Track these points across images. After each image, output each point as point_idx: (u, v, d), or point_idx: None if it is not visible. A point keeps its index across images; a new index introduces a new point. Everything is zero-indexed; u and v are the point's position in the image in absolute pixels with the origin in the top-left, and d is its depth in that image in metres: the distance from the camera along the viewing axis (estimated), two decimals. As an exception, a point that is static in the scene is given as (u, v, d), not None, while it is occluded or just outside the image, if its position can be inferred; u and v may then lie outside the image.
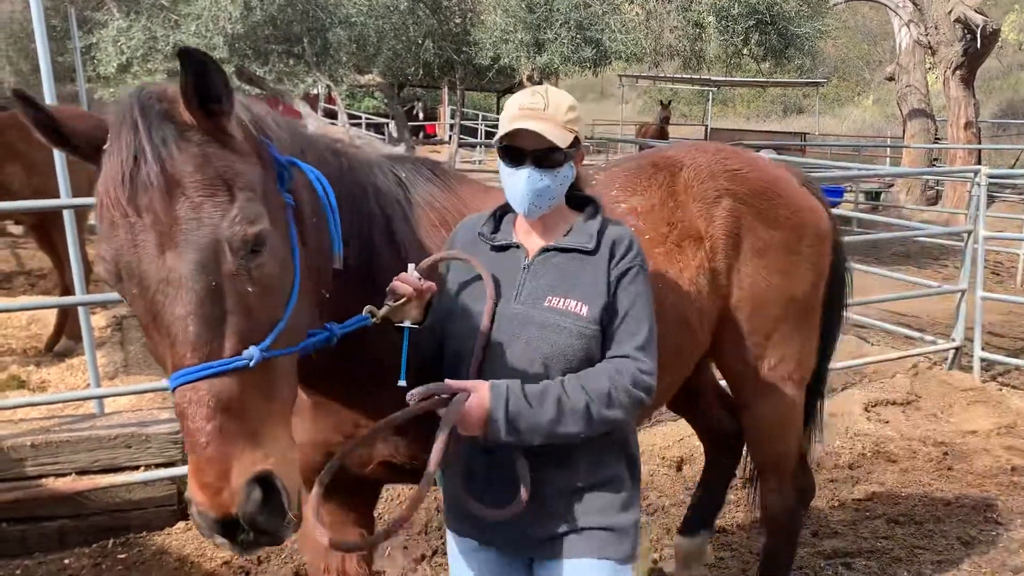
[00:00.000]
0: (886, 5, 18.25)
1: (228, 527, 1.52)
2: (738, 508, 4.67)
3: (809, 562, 4.15)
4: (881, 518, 4.61)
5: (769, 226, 2.91)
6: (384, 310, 1.95)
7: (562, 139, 2.01)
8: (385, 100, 16.20)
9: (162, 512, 4.38)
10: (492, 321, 2.02)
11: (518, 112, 2.02)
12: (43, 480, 4.20)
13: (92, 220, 1.77)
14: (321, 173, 1.98)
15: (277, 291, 1.68)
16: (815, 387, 3.53)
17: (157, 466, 4.38)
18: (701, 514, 3.84)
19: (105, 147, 1.63)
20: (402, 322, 1.97)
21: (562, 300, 2.02)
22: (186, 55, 1.52)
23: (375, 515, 2.73)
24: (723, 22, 10.53)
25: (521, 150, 2.02)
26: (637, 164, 3.00)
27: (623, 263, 2.05)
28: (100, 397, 4.57)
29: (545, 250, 2.09)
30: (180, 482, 4.55)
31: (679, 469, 5.10)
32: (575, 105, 2.07)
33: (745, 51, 11.53)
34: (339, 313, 2.01)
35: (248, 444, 1.54)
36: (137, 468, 4.35)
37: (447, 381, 1.91)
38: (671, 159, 2.98)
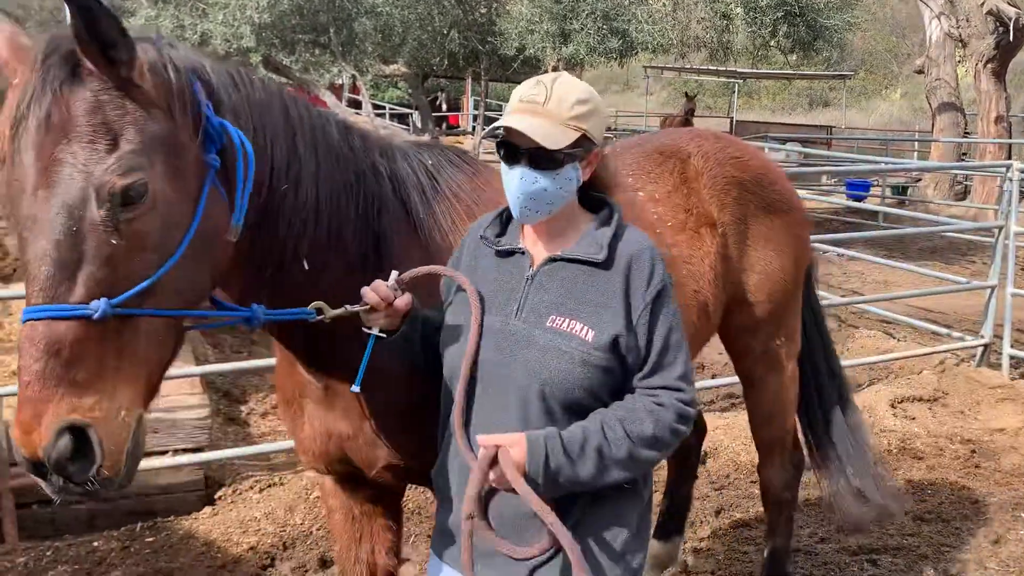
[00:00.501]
0: (916, -4, 18.02)
1: (39, 467, 1.52)
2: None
3: (834, 558, 4.13)
4: (907, 515, 4.56)
5: (769, 212, 3.02)
6: (338, 312, 1.90)
7: (559, 138, 1.78)
8: (409, 90, 16.23)
9: (189, 497, 4.43)
10: (479, 342, 1.86)
11: (517, 104, 1.83)
12: (20, 458, 4.24)
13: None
14: (302, 144, 1.93)
15: (149, 249, 1.62)
16: (840, 390, 3.63)
17: (184, 451, 4.43)
18: (672, 520, 3.92)
19: (13, 81, 1.64)
20: (370, 328, 1.91)
21: (567, 321, 1.81)
22: (70, 1, 1.49)
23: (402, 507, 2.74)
24: (751, 13, 10.46)
25: (515, 147, 1.81)
26: (642, 151, 3.00)
27: (653, 285, 1.84)
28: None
29: (552, 260, 1.88)
30: (207, 467, 4.60)
31: (703, 463, 5.08)
32: (587, 98, 1.83)
33: (773, 43, 11.46)
34: (337, 296, 1.94)
35: (73, 392, 1.51)
36: (165, 453, 4.40)
37: (480, 437, 1.77)
38: (676, 147, 3.00)
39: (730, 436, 5.41)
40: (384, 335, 1.93)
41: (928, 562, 4.12)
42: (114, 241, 1.57)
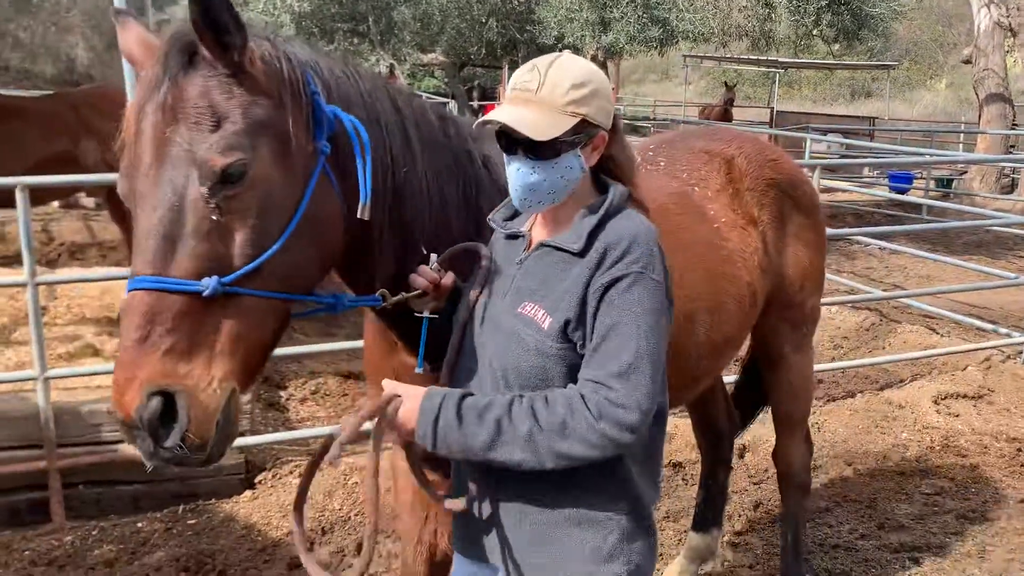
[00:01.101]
0: (964, -15, 17.62)
1: (131, 429, 1.58)
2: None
3: (875, 555, 4.08)
4: (950, 513, 4.50)
5: (800, 210, 3.24)
6: (397, 298, 1.94)
7: (553, 127, 1.71)
8: (446, 79, 16.23)
9: (230, 480, 4.49)
10: (471, 315, 1.88)
11: (510, 94, 1.77)
12: (118, 445, 4.32)
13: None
14: (385, 126, 1.98)
15: (252, 228, 1.68)
16: None
17: (226, 435, 4.48)
18: (709, 512, 3.94)
19: (142, 73, 1.76)
20: (421, 312, 1.95)
21: (534, 307, 1.77)
22: None
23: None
24: (794, 2, 10.30)
25: (511, 138, 1.75)
26: (689, 149, 3.17)
27: (613, 271, 1.70)
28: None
29: (542, 245, 1.84)
30: (248, 451, 4.66)
31: (741, 456, 5.04)
32: (584, 80, 1.74)
33: (816, 32, 11.28)
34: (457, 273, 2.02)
35: (168, 360, 1.57)
36: (207, 437, 4.46)
37: (387, 383, 1.79)
38: (719, 148, 3.18)
39: (768, 428, 5.33)
40: (436, 316, 1.96)
41: (972, 561, 4.06)
42: (215, 218, 1.64)
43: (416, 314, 1.95)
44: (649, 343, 1.68)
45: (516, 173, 1.78)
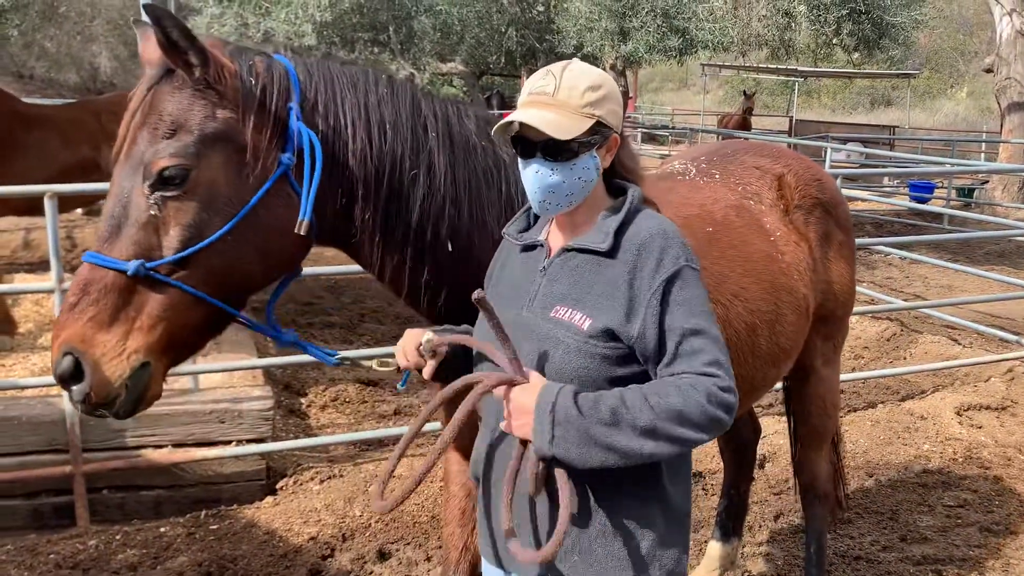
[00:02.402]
0: (986, -7, 17.51)
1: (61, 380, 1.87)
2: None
3: (897, 568, 4.05)
4: (974, 526, 4.46)
5: (841, 228, 3.32)
6: (375, 362, 2.15)
7: (572, 128, 1.74)
8: (465, 88, 16.29)
9: (252, 486, 4.52)
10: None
11: (527, 98, 1.79)
12: (141, 451, 4.37)
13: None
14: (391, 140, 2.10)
15: (186, 227, 1.89)
16: None
17: (248, 441, 4.52)
18: (731, 521, 3.93)
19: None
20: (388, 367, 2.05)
21: (568, 311, 1.78)
22: (147, 11, 1.86)
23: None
24: (814, 11, 10.28)
25: (530, 141, 1.78)
26: (741, 163, 3.21)
27: (665, 268, 1.74)
28: (195, 373, 4.72)
29: (565, 250, 1.85)
30: (269, 457, 4.69)
31: (762, 467, 5.02)
32: (599, 84, 1.79)
33: (836, 41, 11.25)
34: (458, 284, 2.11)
35: (89, 327, 1.84)
36: (229, 443, 4.49)
37: (492, 374, 1.76)
38: (768, 165, 3.23)
39: (787, 439, 5.33)
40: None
41: (995, 574, 4.02)
42: (152, 213, 1.88)
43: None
44: (717, 329, 1.77)
45: (535, 175, 1.79)
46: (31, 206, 6.03)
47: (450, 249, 2.15)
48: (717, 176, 3.07)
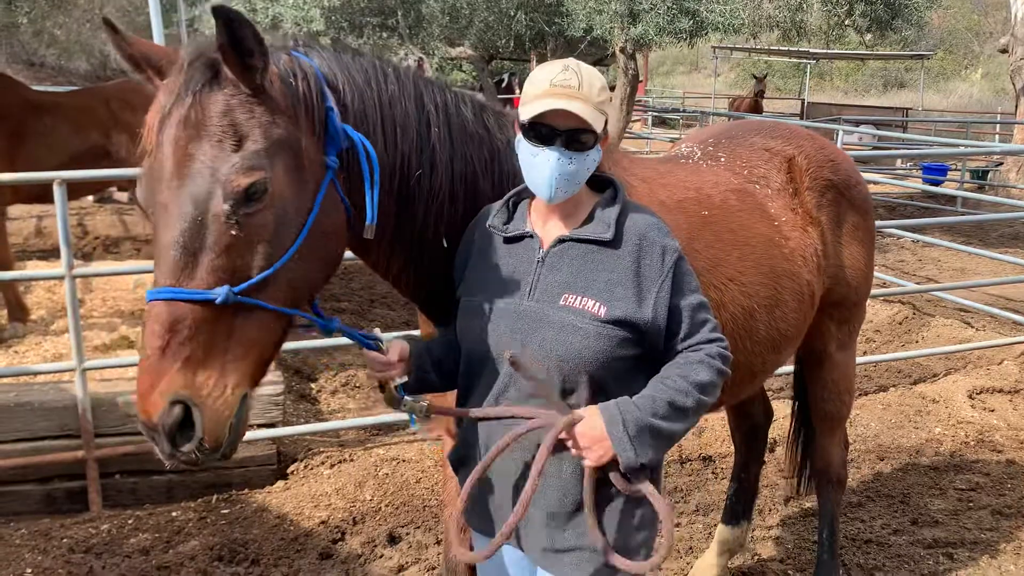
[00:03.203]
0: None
1: (150, 432, 1.69)
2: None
3: (908, 551, 4.04)
4: (986, 509, 4.44)
5: (856, 210, 3.24)
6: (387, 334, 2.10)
7: (596, 121, 1.87)
8: (474, 73, 16.25)
9: (263, 471, 4.54)
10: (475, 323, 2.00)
11: (550, 89, 1.86)
12: (138, 421, 4.38)
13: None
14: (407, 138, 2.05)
15: (267, 243, 1.76)
16: None
17: (259, 427, 4.53)
18: (740, 504, 3.92)
19: (163, 82, 1.81)
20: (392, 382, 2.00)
21: (579, 299, 1.89)
22: (217, 14, 1.66)
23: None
24: (826, -8, 10.17)
25: (552, 129, 1.86)
26: (749, 145, 3.16)
27: (668, 258, 1.91)
28: (205, 358, 4.74)
29: (561, 240, 1.95)
30: (280, 442, 4.71)
31: (772, 451, 5.01)
32: (605, 85, 1.93)
33: (848, 22, 11.11)
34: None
35: (186, 368, 1.67)
36: (239, 427, 4.51)
37: (551, 412, 1.86)
38: (779, 147, 3.17)
39: (791, 423, 5.31)
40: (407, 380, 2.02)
41: (1007, 557, 4.01)
42: (234, 233, 1.71)
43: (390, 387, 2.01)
44: (705, 300, 1.99)
45: (556, 162, 1.87)
46: (42, 193, 6.04)
47: (445, 245, 2.15)
48: (723, 159, 3.03)
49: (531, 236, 1.99)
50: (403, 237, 2.11)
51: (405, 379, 2.00)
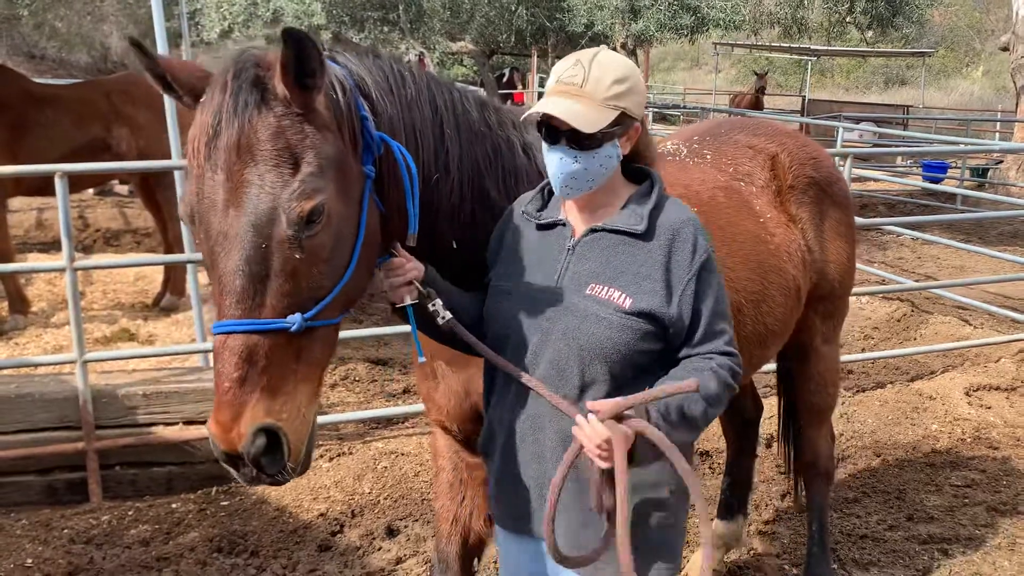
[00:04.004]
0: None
1: (233, 460, 1.69)
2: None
3: (903, 546, 4.06)
4: (981, 505, 4.47)
5: (837, 206, 3.30)
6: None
7: (597, 120, 1.82)
8: (475, 67, 16.24)
9: (262, 463, 4.56)
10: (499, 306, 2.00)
11: (555, 86, 1.87)
12: (153, 428, 4.42)
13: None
14: (433, 144, 2.03)
15: (328, 262, 1.75)
16: None
17: (258, 419, 4.55)
18: (735, 498, 3.95)
19: (202, 99, 1.76)
20: (403, 302, 1.96)
21: (605, 289, 1.88)
22: (288, 34, 1.62)
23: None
24: (827, -12, 10.18)
25: (555, 128, 1.85)
26: (734, 142, 3.20)
27: (697, 258, 1.89)
28: (206, 351, 4.76)
29: (593, 230, 1.95)
30: (279, 436, 4.72)
31: (769, 446, 5.03)
32: (625, 76, 1.86)
33: (849, 19, 11.13)
34: (479, 265, 2.10)
35: (265, 397, 1.67)
36: (240, 420, 4.53)
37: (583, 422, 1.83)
38: (762, 144, 3.20)
39: (778, 417, 5.33)
40: (417, 303, 1.98)
41: (1002, 553, 4.03)
42: (298, 257, 1.70)
43: (395, 305, 1.98)
44: (729, 314, 1.97)
45: (559, 162, 1.87)
46: (43, 186, 6.07)
47: (454, 247, 2.14)
48: (708, 156, 3.07)
49: (563, 224, 1.99)
50: (420, 241, 2.07)
51: (415, 300, 1.96)
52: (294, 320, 1.69)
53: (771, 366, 5.13)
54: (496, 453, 2.05)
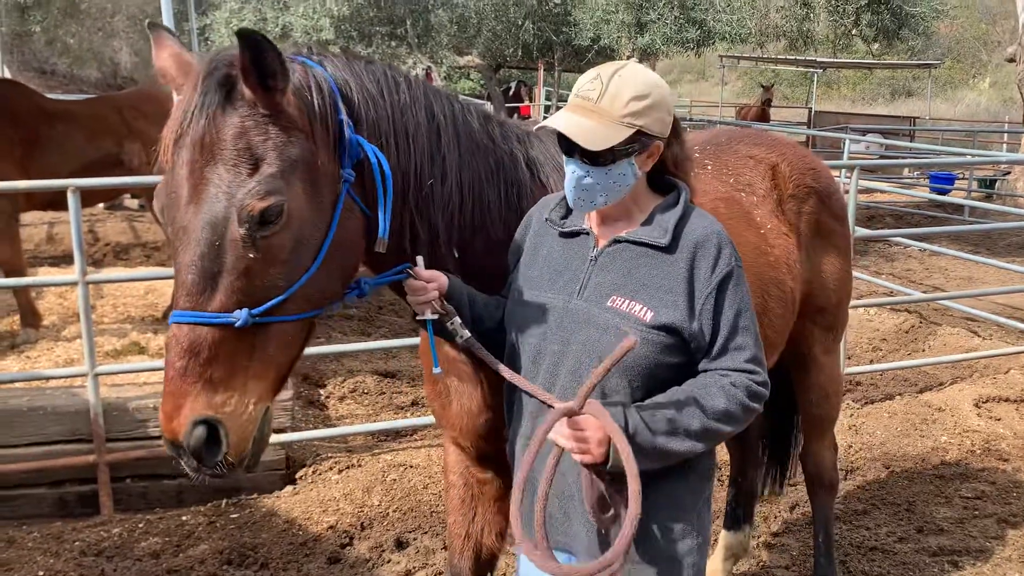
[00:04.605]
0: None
1: (176, 449, 1.73)
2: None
3: (913, 559, 4.05)
4: (991, 517, 4.45)
5: (835, 218, 3.32)
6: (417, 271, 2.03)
7: (607, 137, 1.80)
8: (482, 81, 16.32)
9: (272, 476, 4.58)
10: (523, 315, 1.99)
11: (572, 100, 1.86)
12: (163, 440, 4.43)
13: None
14: (414, 148, 2.02)
15: (286, 263, 1.77)
16: None
17: (267, 432, 4.57)
18: (741, 509, 3.95)
19: (178, 98, 1.81)
20: (423, 315, 1.97)
21: (627, 302, 1.86)
22: (241, 36, 1.65)
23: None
24: (833, 2, 10.22)
25: (570, 142, 1.83)
26: (734, 152, 3.20)
27: (720, 269, 1.87)
28: (216, 364, 4.78)
29: (616, 241, 1.93)
30: (289, 447, 4.75)
31: (777, 458, 5.03)
32: (645, 92, 1.83)
33: (855, 32, 11.16)
34: (482, 274, 2.12)
35: (207, 389, 1.70)
36: (249, 433, 4.55)
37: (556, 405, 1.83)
38: (763, 155, 3.22)
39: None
40: (436, 318, 2.00)
41: (1012, 566, 4.01)
42: (252, 256, 1.72)
43: (418, 318, 2.00)
44: (757, 326, 1.92)
45: (571, 175, 1.88)
46: (54, 200, 6.12)
47: (456, 255, 2.15)
48: (709, 167, 3.07)
49: (587, 233, 1.98)
50: (417, 247, 2.09)
51: (436, 316, 1.97)
52: (240, 315, 1.71)
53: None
54: (517, 466, 2.05)
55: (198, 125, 1.72)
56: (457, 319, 1.97)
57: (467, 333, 1.97)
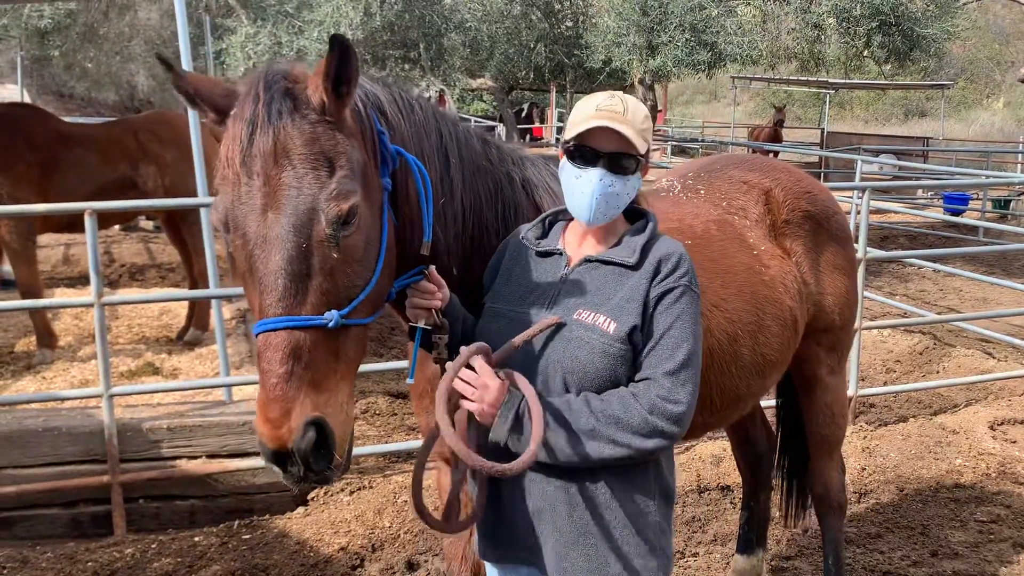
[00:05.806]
0: (1020, 3, 17.29)
1: (281, 459, 1.71)
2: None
3: (928, 583, 4.01)
4: (1007, 542, 4.41)
5: (835, 240, 3.34)
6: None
7: (639, 144, 1.95)
8: (495, 103, 16.44)
9: (283, 497, 4.59)
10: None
11: (596, 113, 1.95)
12: (176, 461, 4.47)
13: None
14: (448, 162, 2.13)
15: (360, 262, 1.84)
16: None
17: (280, 453, 4.58)
18: (753, 532, 3.93)
19: (232, 112, 1.84)
20: (417, 322, 2.04)
21: (592, 314, 1.94)
22: (336, 40, 1.73)
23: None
24: (844, 24, 10.24)
25: (595, 150, 1.94)
26: (728, 178, 3.25)
27: (668, 281, 1.94)
28: (229, 385, 4.82)
29: (588, 260, 2.02)
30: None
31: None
32: (648, 116, 2.01)
33: (866, 53, 11.17)
34: (479, 294, 2.15)
35: (310, 391, 1.72)
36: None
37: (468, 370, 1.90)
38: (756, 180, 3.25)
39: (777, 451, 5.29)
40: (430, 328, 2.05)
41: (1029, 591, 3.97)
42: (336, 256, 1.78)
43: (411, 324, 2.05)
44: (692, 346, 1.93)
45: (598, 182, 1.94)
46: (70, 222, 6.20)
47: (455, 273, 2.20)
48: (702, 191, 3.12)
49: (560, 254, 2.07)
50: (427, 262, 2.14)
51: (429, 326, 2.03)
52: (331, 316, 1.75)
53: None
54: (483, 484, 2.07)
55: (268, 134, 1.76)
56: (444, 338, 2.03)
57: (445, 355, 2.03)
